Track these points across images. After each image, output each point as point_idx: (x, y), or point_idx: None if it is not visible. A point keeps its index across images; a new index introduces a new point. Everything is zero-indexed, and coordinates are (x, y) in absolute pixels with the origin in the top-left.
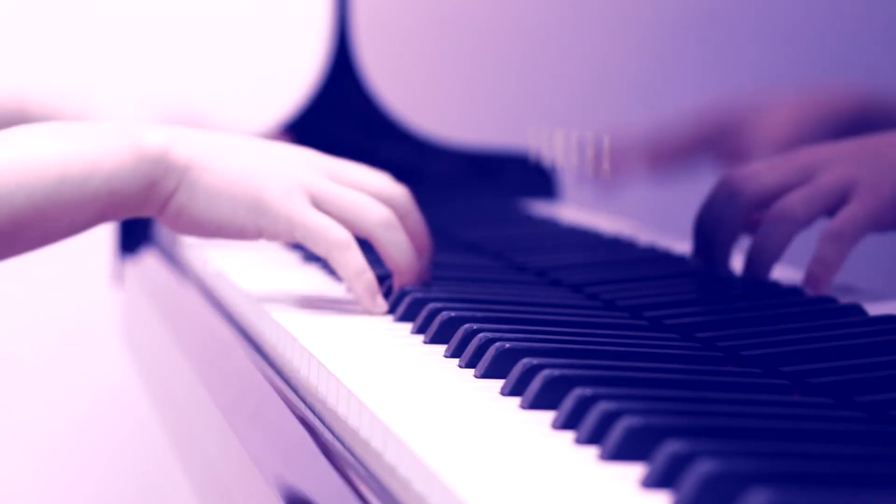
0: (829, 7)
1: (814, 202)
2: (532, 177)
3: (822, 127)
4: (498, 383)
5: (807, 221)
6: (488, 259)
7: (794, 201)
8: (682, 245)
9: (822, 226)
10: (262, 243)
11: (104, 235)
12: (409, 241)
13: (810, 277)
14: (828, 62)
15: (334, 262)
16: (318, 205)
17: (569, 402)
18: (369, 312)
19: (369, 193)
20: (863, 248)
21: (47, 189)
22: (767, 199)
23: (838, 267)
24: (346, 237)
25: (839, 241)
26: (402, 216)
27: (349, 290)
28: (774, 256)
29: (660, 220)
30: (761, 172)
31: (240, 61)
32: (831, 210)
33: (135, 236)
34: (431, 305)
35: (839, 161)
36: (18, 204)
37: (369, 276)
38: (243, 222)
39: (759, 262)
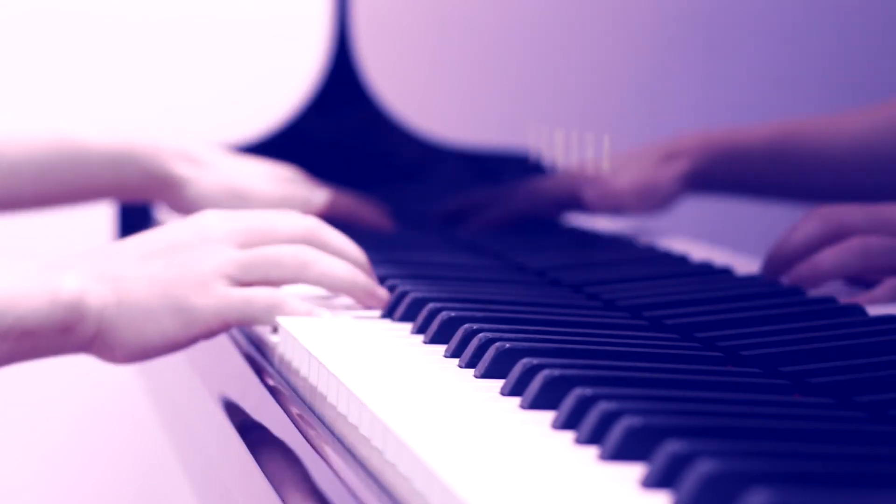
0: (829, 7)
1: (891, 255)
2: (532, 177)
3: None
4: (498, 383)
5: (878, 268)
6: (488, 259)
7: (878, 244)
8: (681, 245)
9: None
10: None
11: (105, 235)
12: (337, 261)
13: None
14: (828, 62)
15: (284, 317)
16: (240, 281)
17: (569, 402)
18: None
19: (281, 241)
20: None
21: None
22: (852, 234)
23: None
24: (272, 299)
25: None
26: (322, 246)
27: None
28: (826, 278)
29: (660, 220)
30: (855, 209)
31: (239, 62)
32: None
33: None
34: (431, 305)
35: None
36: None
37: (318, 311)
38: (175, 336)
39: (809, 275)
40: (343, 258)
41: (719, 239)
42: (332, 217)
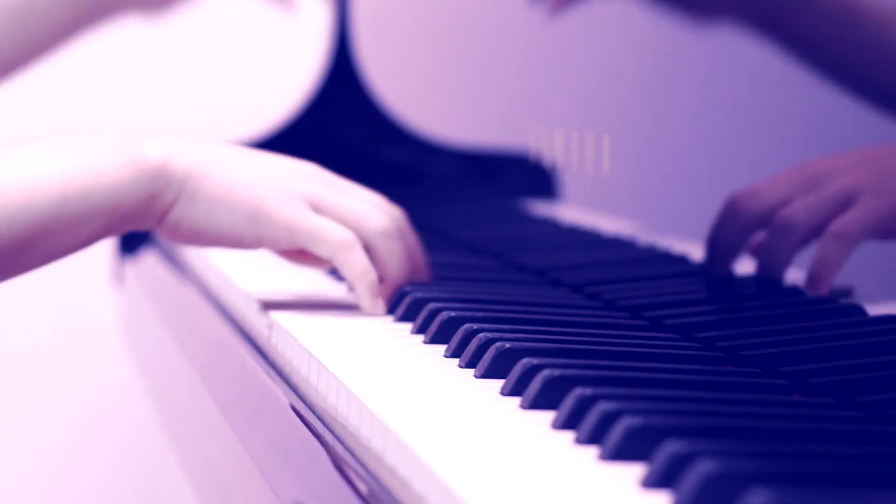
0: None
1: (816, 210)
2: (532, 177)
3: None
4: (498, 383)
5: (811, 229)
6: (488, 259)
7: (796, 210)
8: (681, 245)
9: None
10: None
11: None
12: (406, 253)
13: (812, 276)
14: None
15: (338, 262)
16: (318, 212)
17: (569, 402)
18: (368, 313)
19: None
20: (862, 249)
21: (50, 207)
22: (771, 215)
23: (839, 267)
24: (349, 237)
25: (841, 241)
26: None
27: (351, 289)
28: (782, 266)
29: (660, 220)
30: (764, 190)
31: (239, 62)
32: (836, 217)
33: (135, 237)
34: (431, 305)
35: (843, 170)
36: (22, 223)
37: (372, 276)
38: (242, 231)
39: (767, 272)
40: (413, 257)
41: None
42: None
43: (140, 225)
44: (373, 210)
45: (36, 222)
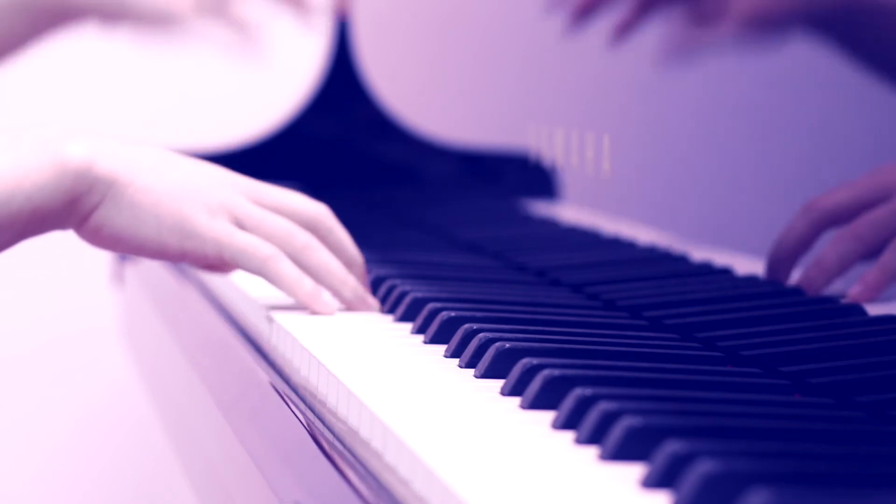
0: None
1: (883, 226)
2: (532, 177)
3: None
4: (498, 383)
5: (876, 243)
6: (488, 259)
7: (865, 223)
8: (682, 245)
9: None
10: None
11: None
12: (335, 258)
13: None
14: (828, 62)
15: (269, 276)
16: (242, 227)
17: (569, 402)
18: (318, 313)
19: (290, 214)
20: None
21: None
22: (842, 216)
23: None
24: (274, 251)
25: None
26: (324, 235)
27: (293, 299)
28: (832, 275)
29: (660, 220)
30: (837, 191)
31: (239, 62)
32: None
33: None
34: (431, 305)
35: None
36: None
37: (306, 282)
38: (166, 241)
39: (814, 279)
40: (342, 252)
41: (719, 239)
42: None
43: (59, 226)
44: (293, 227)
45: None
